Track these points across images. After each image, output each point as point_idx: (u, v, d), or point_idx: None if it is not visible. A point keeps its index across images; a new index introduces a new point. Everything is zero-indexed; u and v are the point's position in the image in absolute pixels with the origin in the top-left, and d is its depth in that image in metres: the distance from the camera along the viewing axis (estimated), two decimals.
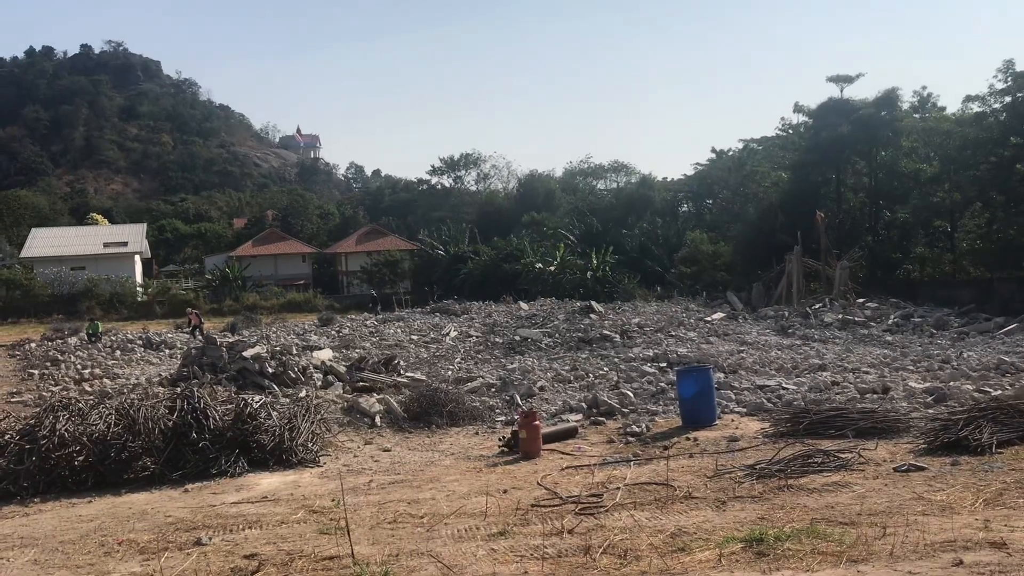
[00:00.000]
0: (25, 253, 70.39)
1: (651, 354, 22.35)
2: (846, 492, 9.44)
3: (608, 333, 26.24)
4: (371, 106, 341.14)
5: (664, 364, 20.55)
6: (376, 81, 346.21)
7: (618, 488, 10.03)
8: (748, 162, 65.08)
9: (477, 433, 14.74)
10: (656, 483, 10.31)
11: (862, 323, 28.52)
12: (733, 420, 14.55)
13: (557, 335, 27.25)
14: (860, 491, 9.44)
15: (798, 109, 47.78)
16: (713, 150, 75.18)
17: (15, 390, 22.87)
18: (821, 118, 45.05)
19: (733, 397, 16.18)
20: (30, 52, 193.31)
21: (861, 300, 34.31)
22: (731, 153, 72.30)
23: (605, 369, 20.52)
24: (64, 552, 8.66)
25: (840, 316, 29.72)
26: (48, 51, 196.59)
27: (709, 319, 31.17)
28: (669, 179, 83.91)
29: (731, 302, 38.88)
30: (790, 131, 55.82)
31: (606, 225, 68.94)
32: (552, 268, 58.33)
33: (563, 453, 12.71)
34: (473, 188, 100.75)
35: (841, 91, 46.08)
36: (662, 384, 17.72)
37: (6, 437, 12.48)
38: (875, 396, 15.63)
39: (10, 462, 11.70)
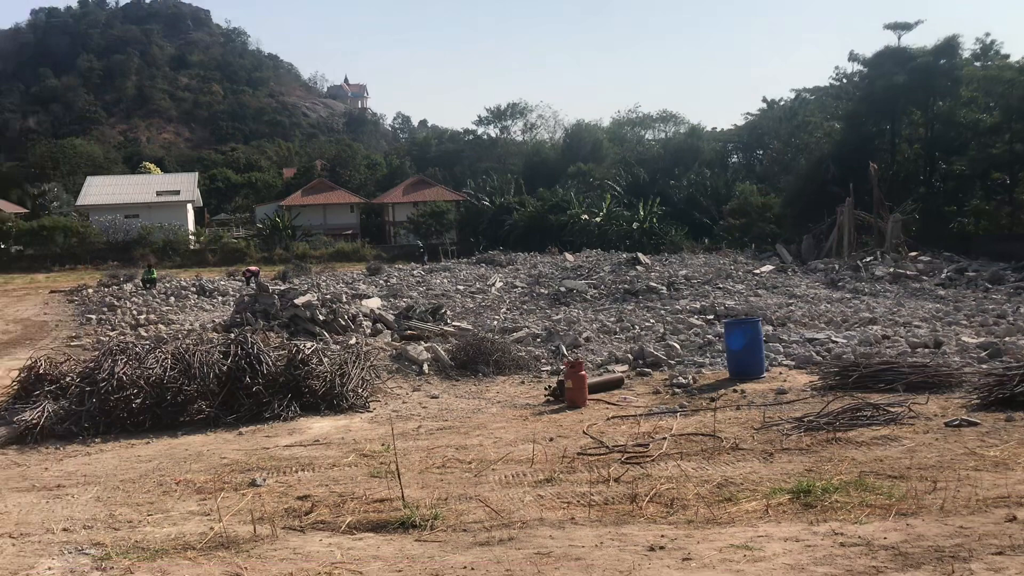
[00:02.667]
0: (81, 201, 71.77)
1: (698, 306, 22.24)
2: (895, 446, 9.38)
3: (654, 285, 26.14)
4: (418, 56, 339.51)
5: (711, 316, 20.45)
6: (423, 30, 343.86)
7: (664, 438, 10.08)
8: (800, 112, 63.76)
9: (523, 382, 14.86)
10: (702, 434, 10.33)
11: (914, 277, 28.03)
12: (781, 373, 14.47)
13: (603, 286, 27.23)
14: (910, 445, 9.37)
15: (853, 58, 46.60)
16: (764, 100, 73.87)
17: (74, 334, 23.51)
18: (877, 67, 43.85)
19: (781, 350, 16.07)
20: (83, 2, 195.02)
21: (913, 253, 33.69)
22: (783, 103, 70.90)
23: (651, 321, 20.47)
24: (125, 490, 8.96)
25: (892, 270, 29.22)
26: (101, 1, 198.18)
27: (758, 272, 30.88)
28: (718, 129, 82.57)
29: (780, 255, 38.42)
30: (844, 80, 54.42)
31: (653, 176, 68.27)
32: (598, 219, 58.05)
33: (609, 403, 12.78)
34: (519, 138, 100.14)
35: (899, 39, 44.83)
36: (709, 336, 17.65)
37: (67, 379, 12.91)
38: (927, 351, 15.40)
39: (72, 403, 12.10)
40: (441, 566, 6.27)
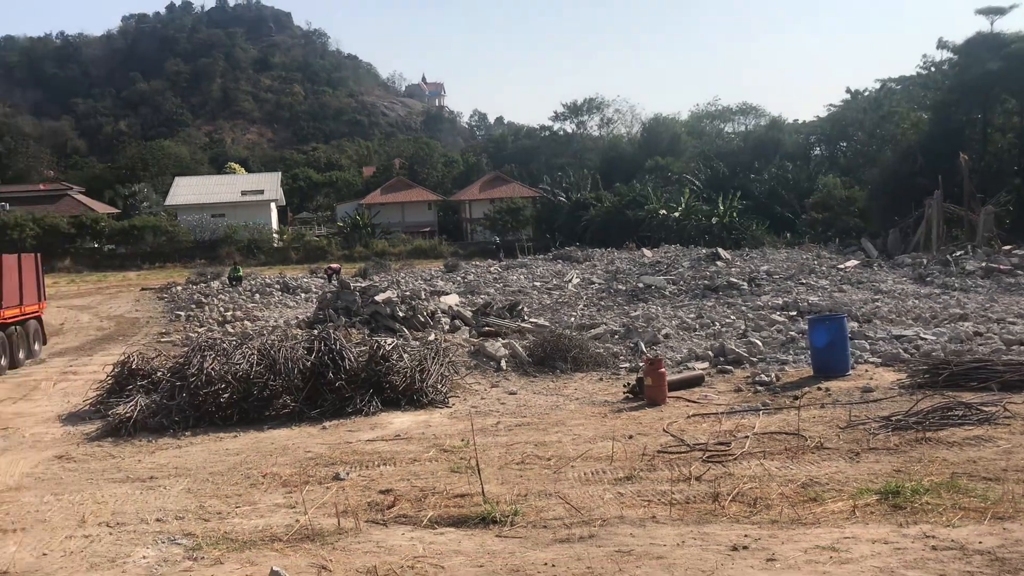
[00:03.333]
0: (169, 201, 74.16)
1: (780, 302, 21.81)
2: (990, 447, 9.06)
3: (735, 280, 25.73)
4: (494, 53, 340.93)
5: (794, 312, 20.03)
6: (500, 28, 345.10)
7: (746, 437, 9.93)
8: (885, 103, 61.87)
9: (601, 379, 14.79)
10: (786, 433, 10.14)
11: (1008, 271, 26.93)
12: (867, 370, 14.09)
13: (682, 282, 26.92)
14: (1006, 446, 9.04)
15: (942, 45, 45.04)
16: (848, 91, 71.55)
17: (164, 331, 24.31)
18: (968, 54, 42.25)
19: (867, 347, 15.64)
20: (171, 7, 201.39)
21: (1007, 247, 32.37)
22: (867, 93, 68.86)
23: (732, 317, 20.16)
24: (214, 482, 9.23)
25: (984, 264, 28.15)
26: (187, 6, 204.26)
27: (842, 267, 30.11)
28: (800, 121, 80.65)
29: (866, 249, 37.41)
30: (932, 69, 52.66)
31: (733, 170, 67.15)
32: (677, 214, 57.40)
33: (689, 401, 12.63)
34: (596, 133, 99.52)
35: (991, 24, 43.10)
36: (792, 333, 17.29)
37: (159, 374, 13.37)
38: (1023, 348, 14.81)
39: (163, 397, 12.50)
40: (522, 562, 6.29)
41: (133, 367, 13.98)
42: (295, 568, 6.35)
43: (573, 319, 21.28)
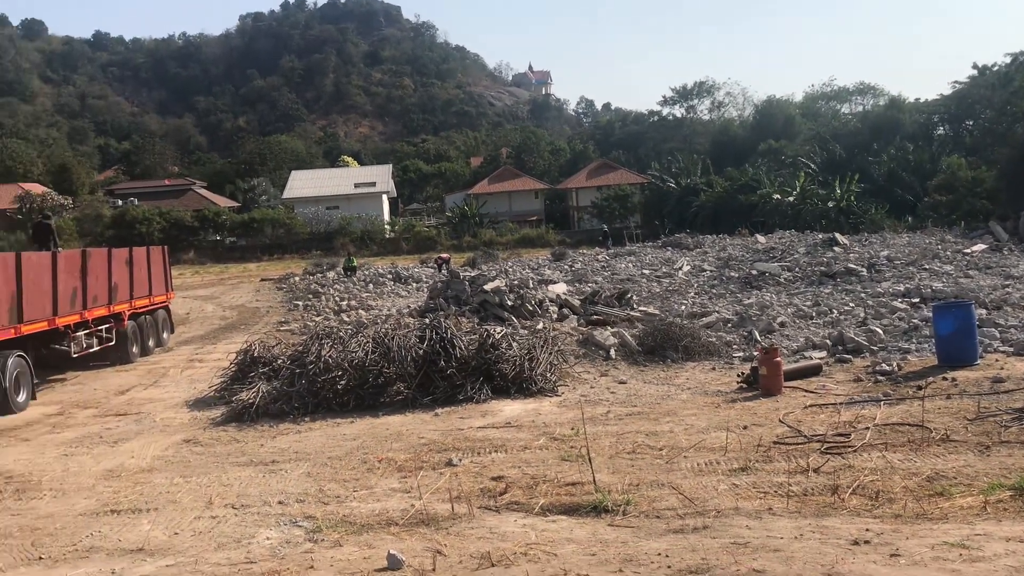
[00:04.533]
0: (286, 194, 76.61)
1: (902, 289, 20.96)
2: None
3: (853, 267, 24.87)
4: (602, 39, 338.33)
5: (917, 299, 19.21)
6: (607, 13, 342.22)
7: (867, 428, 9.59)
8: (1017, 77, 58.57)
9: (714, 368, 14.54)
10: (909, 424, 9.75)
11: None
12: (997, 360, 13.40)
13: (797, 269, 26.17)
14: None
15: None
16: (975, 66, 67.95)
17: (283, 319, 25.16)
18: None
19: (998, 335, 14.88)
20: (285, 5, 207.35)
21: None
22: (996, 69, 65.36)
23: (851, 305, 19.49)
24: (332, 467, 9.50)
25: None
26: (300, 3, 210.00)
27: (968, 251, 28.72)
28: (922, 100, 77.24)
29: (994, 232, 35.54)
30: None
31: (850, 152, 64.89)
32: (791, 198, 55.88)
33: (806, 391, 12.29)
34: (706, 117, 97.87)
35: None
36: (915, 321, 16.60)
37: (279, 362, 13.83)
38: None
39: (283, 384, 12.94)
40: (635, 551, 6.25)
41: (255, 355, 14.51)
42: (411, 552, 6.48)
43: (684, 307, 20.98)
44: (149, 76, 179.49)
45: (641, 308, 20.25)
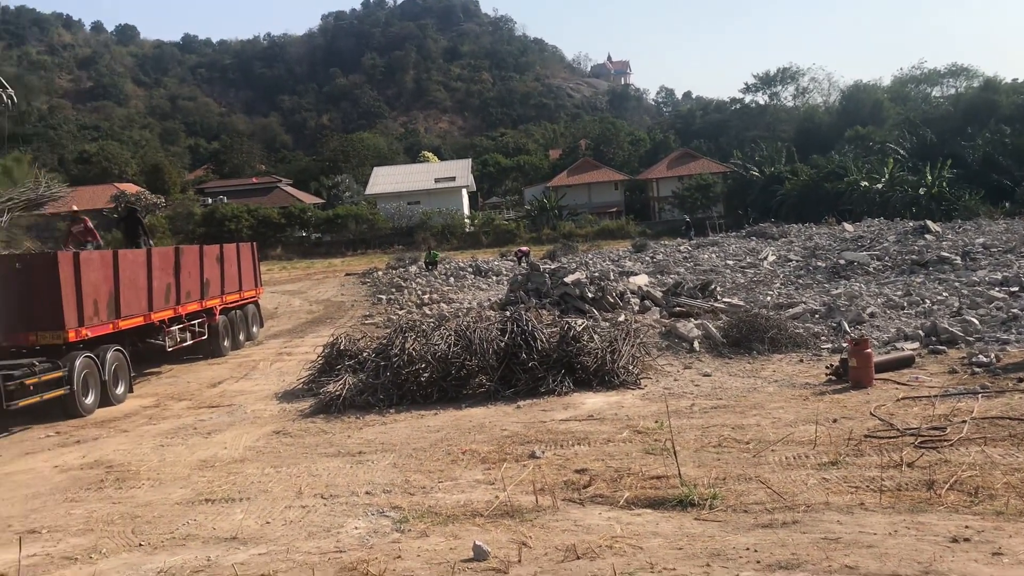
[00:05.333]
0: (369, 190, 77.83)
1: (999, 277, 20.16)
2: None
3: (946, 255, 24.04)
4: (681, 28, 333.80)
5: (1016, 288, 18.45)
6: (686, 1, 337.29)
7: (964, 422, 9.25)
8: None
9: (801, 360, 14.22)
10: (1010, 418, 9.37)
11: None
12: None
13: (887, 258, 25.43)
14: None
15: None
16: None
17: (367, 313, 25.57)
18: None
19: None
20: (366, 3, 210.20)
21: None
22: None
23: (944, 294, 18.84)
24: (417, 458, 9.61)
25: None
26: (381, 1, 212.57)
27: None
28: (1020, 81, 74.03)
29: None
30: None
31: (942, 136, 62.68)
32: (879, 186, 54.32)
33: (897, 383, 11.92)
34: (790, 104, 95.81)
35: None
36: (1014, 310, 15.93)
37: (365, 355, 14.05)
38: None
39: (369, 377, 13.15)
40: (723, 546, 6.17)
41: (341, 348, 14.80)
42: (496, 543, 6.52)
43: (769, 298, 20.57)
44: (236, 77, 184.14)
45: (725, 299, 19.92)
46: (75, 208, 22.06)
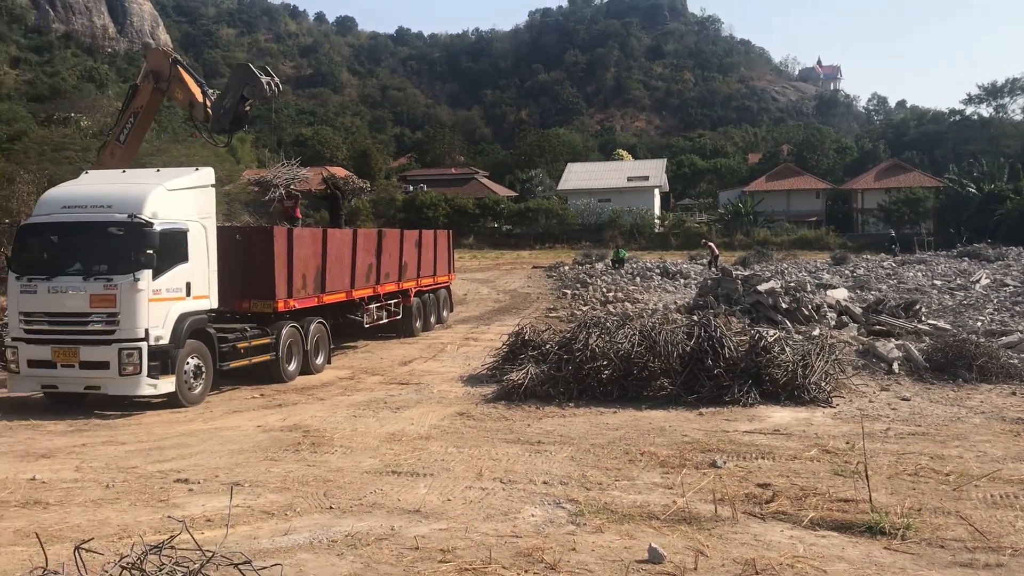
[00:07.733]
0: (561, 186, 78.56)
1: None
2: None
3: None
4: (900, 31, 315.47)
5: None
6: (907, 3, 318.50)
7: None
8: None
9: (1014, 393, 13.12)
10: None
11: None
12: None
13: None
14: None
15: None
16: None
17: (552, 306, 25.88)
18: None
19: None
20: (572, 1, 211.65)
21: None
22: None
23: None
24: (595, 454, 9.63)
25: None
26: None
27: None
28: None
29: None
30: None
31: None
32: None
33: None
34: (1018, 118, 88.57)
35: None
36: None
37: (548, 347, 14.22)
38: None
39: (550, 368, 13.29)
40: None
41: (525, 338, 15.06)
42: (672, 548, 6.44)
43: (980, 324, 19.14)
44: (443, 70, 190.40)
45: (930, 321, 18.74)
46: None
